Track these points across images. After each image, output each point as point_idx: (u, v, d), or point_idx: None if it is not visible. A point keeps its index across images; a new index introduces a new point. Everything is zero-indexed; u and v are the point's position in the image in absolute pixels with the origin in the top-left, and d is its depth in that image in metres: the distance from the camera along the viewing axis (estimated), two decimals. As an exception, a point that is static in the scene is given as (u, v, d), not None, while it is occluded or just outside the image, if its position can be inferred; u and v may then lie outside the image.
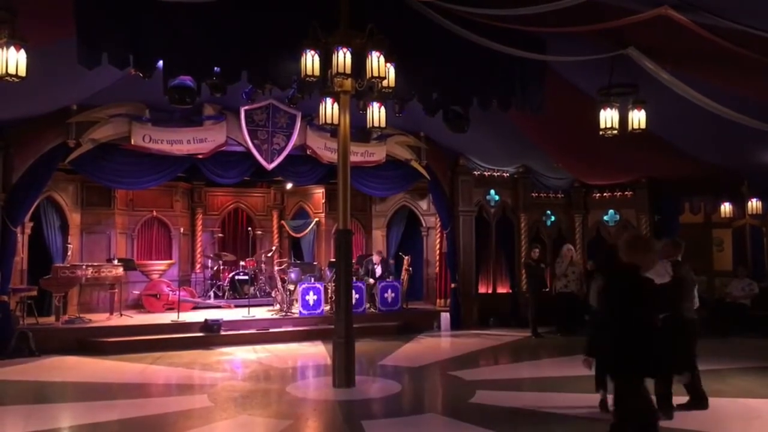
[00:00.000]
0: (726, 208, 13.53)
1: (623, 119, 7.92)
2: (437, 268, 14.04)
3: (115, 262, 12.13)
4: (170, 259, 13.90)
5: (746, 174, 12.40)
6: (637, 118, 7.93)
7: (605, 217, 14.39)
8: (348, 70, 6.98)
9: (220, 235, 15.15)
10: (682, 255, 6.57)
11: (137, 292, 13.00)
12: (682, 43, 6.81)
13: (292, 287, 12.44)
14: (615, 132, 7.91)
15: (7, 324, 9.68)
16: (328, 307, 12.15)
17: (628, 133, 8.05)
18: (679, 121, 9.30)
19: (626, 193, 14.15)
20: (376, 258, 13.19)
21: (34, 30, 6.09)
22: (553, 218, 14.60)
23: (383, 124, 8.37)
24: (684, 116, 8.78)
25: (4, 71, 5.71)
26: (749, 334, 11.31)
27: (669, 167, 12.20)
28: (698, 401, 6.51)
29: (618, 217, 14.24)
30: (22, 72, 5.80)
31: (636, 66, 7.48)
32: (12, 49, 5.71)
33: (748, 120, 8.02)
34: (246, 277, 13.89)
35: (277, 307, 12.54)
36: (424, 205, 14.47)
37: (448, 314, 12.82)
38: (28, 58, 5.82)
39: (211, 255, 14.51)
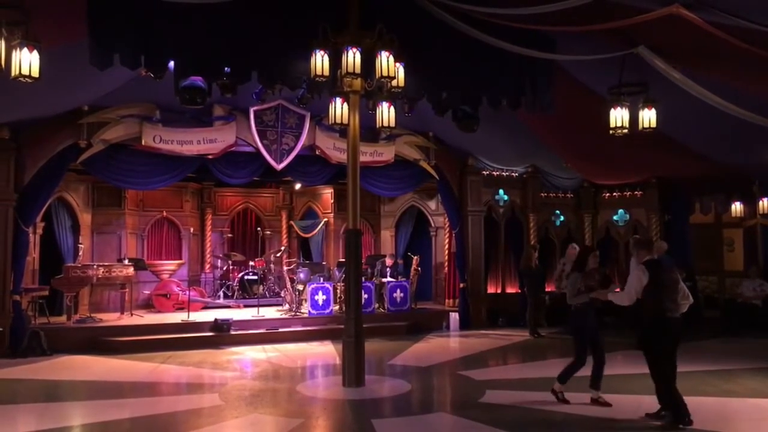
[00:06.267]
0: (737, 207, 13.45)
1: (633, 118, 7.89)
2: (446, 268, 14.03)
3: (126, 262, 12.21)
4: (180, 259, 13.97)
5: (757, 173, 12.32)
6: (648, 117, 7.89)
7: (615, 217, 14.35)
8: (357, 70, 7.00)
9: (230, 235, 15.22)
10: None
11: (147, 292, 13.08)
12: (693, 41, 6.77)
13: (301, 287, 12.46)
14: (625, 131, 7.88)
15: (20, 323, 9.76)
16: (337, 307, 12.19)
17: (638, 133, 8.02)
18: (690, 121, 9.26)
19: (636, 192, 14.10)
20: (389, 261, 13.20)
21: (47, 31, 6.14)
22: (562, 218, 14.57)
23: (392, 124, 8.37)
24: (695, 115, 8.74)
25: (17, 72, 5.75)
26: (760, 335, 11.23)
27: (679, 167, 12.15)
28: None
29: (628, 217, 14.19)
30: (35, 73, 5.84)
31: (646, 65, 7.45)
32: (25, 50, 5.75)
33: (760, 119, 7.97)
34: (255, 277, 13.94)
35: (287, 307, 12.57)
36: (432, 205, 14.47)
37: (457, 314, 12.82)
38: (41, 59, 5.86)
39: (221, 255, 14.59)
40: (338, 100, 8.00)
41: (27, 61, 5.78)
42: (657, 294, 6.00)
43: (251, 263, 14.22)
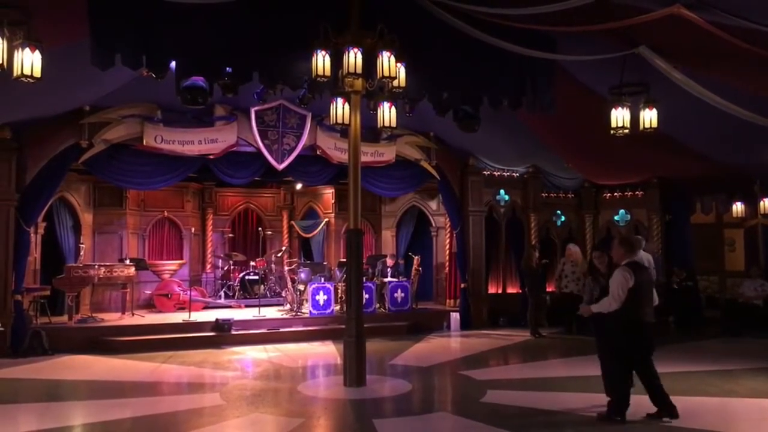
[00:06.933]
0: (738, 207, 13.45)
1: (634, 118, 7.89)
2: (447, 268, 14.03)
3: (127, 262, 12.22)
4: (181, 259, 13.98)
5: (758, 173, 12.33)
6: (649, 117, 7.90)
7: (616, 217, 14.34)
8: (359, 70, 7.01)
9: (231, 235, 15.22)
10: None
11: (149, 292, 13.08)
12: (694, 41, 6.78)
13: (302, 287, 12.47)
14: (626, 131, 7.89)
15: (21, 323, 9.76)
16: (338, 307, 12.19)
17: (639, 133, 8.02)
18: (691, 121, 9.26)
19: (637, 192, 14.10)
20: (389, 261, 13.21)
21: (49, 31, 6.16)
22: (563, 218, 14.57)
23: (394, 124, 8.39)
24: (696, 115, 8.74)
25: (19, 72, 5.77)
26: (761, 335, 11.22)
27: (680, 167, 12.15)
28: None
29: (629, 217, 14.19)
30: (37, 73, 5.86)
31: (647, 65, 7.46)
32: (27, 50, 5.77)
33: (761, 119, 7.98)
34: (256, 277, 13.95)
35: (288, 307, 12.58)
36: (433, 205, 14.48)
37: (457, 314, 12.81)
38: (42, 59, 5.87)
39: (222, 255, 14.60)
40: (339, 101, 8.02)
41: (29, 61, 5.80)
42: (637, 298, 5.91)
43: (252, 263, 14.23)
